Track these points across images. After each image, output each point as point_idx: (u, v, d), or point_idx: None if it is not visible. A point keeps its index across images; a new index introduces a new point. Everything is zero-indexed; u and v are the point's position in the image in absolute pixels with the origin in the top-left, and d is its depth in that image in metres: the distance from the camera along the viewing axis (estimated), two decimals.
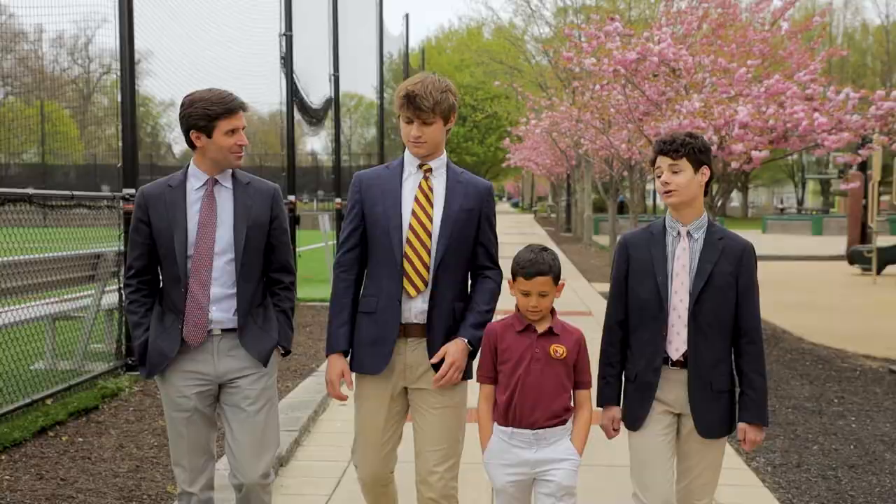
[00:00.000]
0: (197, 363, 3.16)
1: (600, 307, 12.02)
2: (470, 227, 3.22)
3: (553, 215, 53.21)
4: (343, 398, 3.27)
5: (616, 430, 3.26)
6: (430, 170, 3.22)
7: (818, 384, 7.43)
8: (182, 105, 3.15)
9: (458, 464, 3.28)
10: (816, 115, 8.59)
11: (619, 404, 3.23)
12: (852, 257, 18.18)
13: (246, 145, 3.21)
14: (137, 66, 7.30)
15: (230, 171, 3.25)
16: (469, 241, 3.23)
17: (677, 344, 3.07)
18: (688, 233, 3.08)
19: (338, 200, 15.43)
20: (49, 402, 5.75)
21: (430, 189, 3.20)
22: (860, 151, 10.08)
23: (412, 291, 3.14)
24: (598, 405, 3.24)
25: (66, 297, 7.42)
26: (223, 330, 3.16)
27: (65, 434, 5.30)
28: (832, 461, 5.27)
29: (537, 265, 2.98)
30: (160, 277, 3.26)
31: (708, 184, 3.10)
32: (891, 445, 5.61)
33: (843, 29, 49.59)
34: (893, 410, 6.55)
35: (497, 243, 3.36)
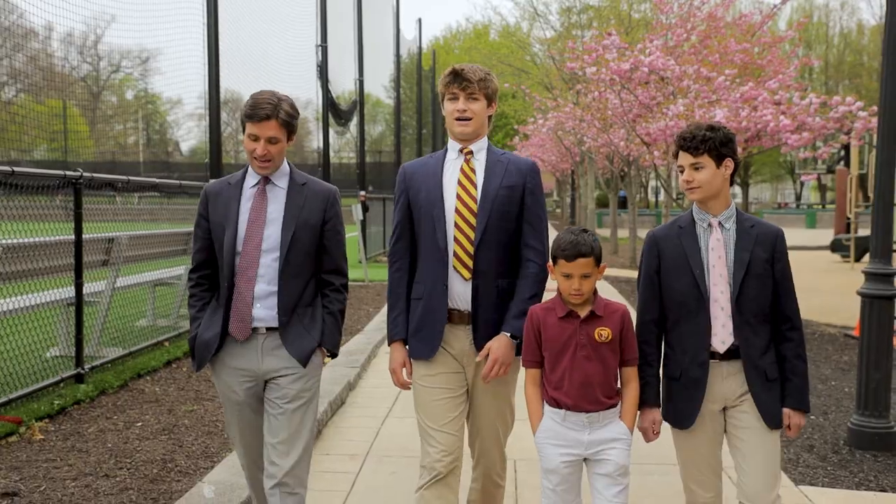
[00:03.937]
0: (243, 360, 3.17)
1: (605, 288, 13.49)
2: (511, 203, 3.16)
3: (559, 210, 54.73)
4: (407, 386, 3.26)
5: (656, 434, 3.11)
6: (470, 153, 3.20)
7: None
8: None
9: (505, 445, 3.33)
10: (782, 117, 10.09)
11: (659, 405, 3.10)
12: (834, 246, 19.65)
13: (261, 156, 3.08)
14: (145, 64, 8.21)
15: (287, 170, 3.23)
16: (511, 219, 3.17)
17: (723, 336, 2.97)
18: (719, 223, 3.00)
19: (361, 193, 16.83)
20: (167, 344, 7.37)
21: (473, 170, 3.17)
22: (821, 147, 11.59)
23: (466, 274, 3.12)
24: (637, 408, 3.10)
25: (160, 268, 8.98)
26: (268, 329, 3.14)
27: (184, 366, 6.93)
28: None
29: (578, 246, 2.88)
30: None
31: (734, 173, 3.03)
32: (823, 381, 7.12)
33: (839, 29, 50.99)
34: (838, 361, 8.02)
35: (546, 222, 3.28)
